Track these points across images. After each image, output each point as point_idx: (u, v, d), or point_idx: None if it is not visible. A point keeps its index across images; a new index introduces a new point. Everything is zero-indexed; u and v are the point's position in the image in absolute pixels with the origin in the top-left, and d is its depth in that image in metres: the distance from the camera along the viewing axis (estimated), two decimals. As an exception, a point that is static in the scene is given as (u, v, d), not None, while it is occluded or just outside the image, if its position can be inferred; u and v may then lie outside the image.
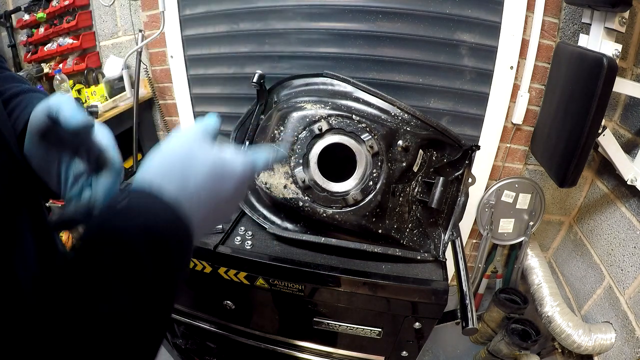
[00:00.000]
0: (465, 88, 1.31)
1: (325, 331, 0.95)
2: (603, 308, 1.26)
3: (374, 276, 0.84)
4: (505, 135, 1.39)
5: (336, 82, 1.03)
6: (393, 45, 1.28)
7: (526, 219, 1.49)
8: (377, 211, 0.86)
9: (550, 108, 1.21)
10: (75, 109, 0.35)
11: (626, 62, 1.16)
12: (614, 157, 1.10)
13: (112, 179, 0.39)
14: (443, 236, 0.95)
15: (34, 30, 1.78)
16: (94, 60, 1.73)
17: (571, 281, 1.46)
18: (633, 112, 1.18)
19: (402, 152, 0.88)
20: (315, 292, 0.88)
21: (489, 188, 1.46)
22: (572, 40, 1.22)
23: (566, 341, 1.27)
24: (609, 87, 0.92)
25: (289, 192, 0.86)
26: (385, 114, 0.94)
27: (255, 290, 0.91)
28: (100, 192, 0.38)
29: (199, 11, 1.41)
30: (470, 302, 0.85)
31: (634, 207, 1.16)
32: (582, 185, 1.43)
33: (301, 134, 0.87)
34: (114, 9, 1.61)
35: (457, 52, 1.26)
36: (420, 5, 1.22)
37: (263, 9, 1.33)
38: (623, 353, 1.14)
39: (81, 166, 0.40)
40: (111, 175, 0.39)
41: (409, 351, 0.97)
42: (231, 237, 0.95)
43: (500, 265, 1.70)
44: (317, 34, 1.32)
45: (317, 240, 0.89)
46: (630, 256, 1.15)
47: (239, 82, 1.47)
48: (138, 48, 1.48)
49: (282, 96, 1.08)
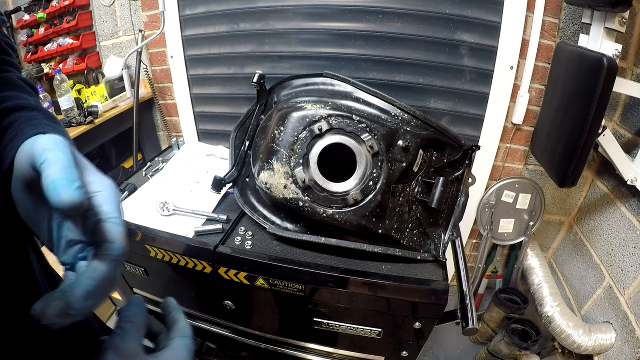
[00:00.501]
0: (465, 88, 1.31)
1: (325, 331, 0.95)
2: (603, 308, 1.26)
3: (374, 276, 0.84)
4: (505, 135, 1.39)
5: (336, 82, 1.03)
6: (393, 45, 1.28)
7: (526, 219, 1.49)
8: (377, 211, 0.86)
9: (550, 108, 1.21)
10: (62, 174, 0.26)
11: (626, 62, 1.16)
12: (614, 157, 1.10)
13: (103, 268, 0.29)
14: (443, 236, 0.95)
15: (34, 30, 1.79)
16: (94, 60, 1.73)
17: (571, 281, 1.46)
18: (633, 112, 1.18)
19: (402, 152, 0.88)
20: (315, 292, 0.88)
21: (489, 188, 1.46)
22: (572, 40, 1.22)
23: (566, 341, 1.27)
24: (609, 87, 0.92)
25: (289, 192, 0.86)
26: (385, 114, 0.94)
27: (255, 290, 0.91)
28: (81, 291, 0.28)
29: (199, 11, 1.41)
30: (470, 302, 0.85)
31: (634, 207, 1.16)
32: (582, 185, 1.43)
33: (301, 134, 0.87)
34: (114, 9, 1.61)
35: (457, 52, 1.26)
36: (420, 5, 1.22)
37: (263, 9, 1.33)
38: (623, 353, 1.14)
39: (75, 232, 0.31)
40: (104, 262, 0.29)
41: (409, 351, 0.97)
42: (231, 237, 0.95)
43: (500, 265, 1.70)
44: (317, 34, 1.32)
45: (317, 240, 0.89)
46: (630, 256, 1.15)
47: (239, 82, 1.47)
48: (138, 48, 1.48)
49: (282, 96, 1.08)
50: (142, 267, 1.00)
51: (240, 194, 1.02)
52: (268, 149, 0.90)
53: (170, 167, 1.23)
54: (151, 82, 1.64)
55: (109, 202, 0.31)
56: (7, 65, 0.41)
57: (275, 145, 0.88)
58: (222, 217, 0.99)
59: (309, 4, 1.28)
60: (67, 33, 1.69)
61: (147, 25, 1.55)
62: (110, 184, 0.32)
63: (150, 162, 1.29)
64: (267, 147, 0.91)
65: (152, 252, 0.93)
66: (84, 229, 0.31)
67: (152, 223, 0.96)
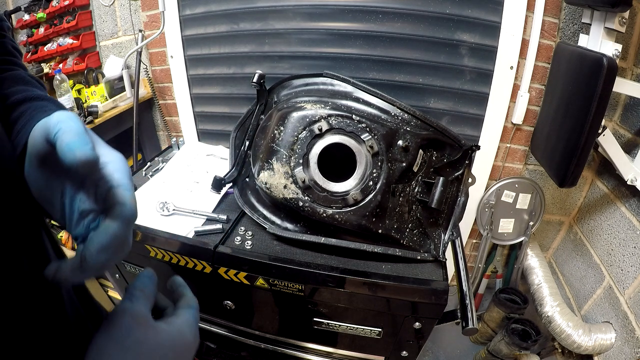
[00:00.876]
0: (465, 88, 1.31)
1: (325, 331, 0.95)
2: (603, 308, 1.26)
3: (374, 276, 0.84)
4: (505, 135, 1.39)
5: (336, 82, 1.03)
6: (393, 45, 1.28)
7: (526, 219, 1.49)
8: (377, 211, 0.86)
9: (550, 108, 1.21)
10: (77, 138, 0.28)
11: (626, 62, 1.16)
12: (614, 157, 1.10)
13: (115, 226, 0.31)
14: (443, 236, 0.95)
15: (34, 30, 1.79)
16: (94, 60, 1.73)
17: (571, 281, 1.46)
18: (633, 112, 1.18)
19: (402, 152, 0.88)
20: (315, 292, 0.88)
21: (489, 188, 1.46)
22: (572, 40, 1.22)
23: (566, 341, 1.27)
24: (609, 87, 0.92)
25: (289, 192, 0.86)
26: (385, 114, 0.94)
27: (255, 290, 0.91)
28: (95, 245, 0.30)
29: (199, 11, 1.41)
30: (470, 302, 0.85)
31: (634, 207, 1.16)
32: (582, 185, 1.43)
33: (301, 134, 0.87)
34: (114, 9, 1.61)
35: (457, 52, 1.26)
36: (420, 5, 1.22)
37: (263, 9, 1.33)
38: (623, 353, 1.14)
39: (88, 202, 0.33)
40: (116, 221, 0.31)
41: (409, 351, 0.97)
42: (231, 237, 0.95)
43: (500, 265, 1.70)
44: (317, 34, 1.32)
45: (317, 240, 0.89)
46: (630, 256, 1.15)
47: (239, 82, 1.47)
48: (138, 48, 1.48)
49: (282, 96, 1.08)
50: (142, 267, 1.00)
51: (240, 194, 1.02)
52: (268, 149, 0.90)
53: (170, 167, 1.23)
54: (151, 82, 1.64)
55: (119, 171, 0.33)
56: (14, 66, 0.43)
57: (275, 145, 0.88)
58: (222, 217, 0.99)
59: (309, 4, 1.28)
60: (67, 33, 1.69)
61: (147, 25, 1.55)
62: (120, 155, 0.34)
63: (150, 162, 1.29)
64: (267, 147, 0.91)
65: (152, 252, 0.93)
66: (95, 199, 0.33)
67: (152, 223, 0.96)
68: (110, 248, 0.31)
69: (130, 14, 1.57)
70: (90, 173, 0.30)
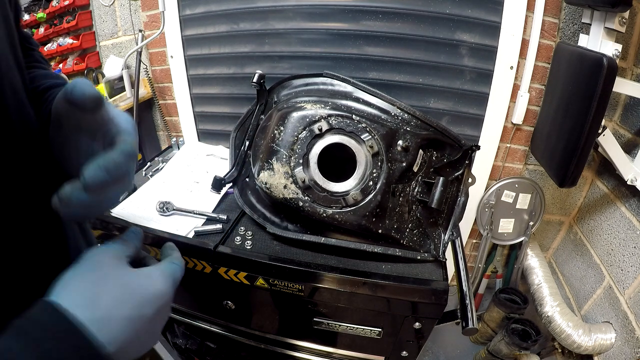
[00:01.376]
0: (465, 88, 1.31)
1: (325, 331, 0.95)
2: (603, 308, 1.26)
3: (374, 276, 0.84)
4: (505, 135, 1.39)
5: (336, 82, 1.03)
6: (393, 45, 1.28)
7: (526, 219, 1.49)
8: (377, 211, 0.86)
9: (550, 108, 1.21)
10: (86, 86, 0.34)
11: (626, 62, 1.16)
12: (614, 157, 1.10)
13: (114, 154, 0.35)
14: (443, 236, 0.95)
15: (34, 30, 1.79)
16: (94, 60, 1.73)
17: (571, 281, 1.46)
18: (633, 112, 1.18)
19: (402, 152, 0.88)
20: (315, 292, 0.88)
21: (489, 188, 1.46)
22: (572, 40, 1.22)
23: (566, 341, 1.27)
24: (609, 87, 0.92)
25: (289, 192, 0.86)
26: (385, 114, 0.94)
27: (255, 290, 0.91)
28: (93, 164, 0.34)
29: (199, 11, 1.41)
30: (470, 302, 0.85)
31: (634, 207, 1.16)
32: (582, 185, 1.43)
33: (301, 134, 0.87)
34: (114, 9, 1.61)
35: (457, 52, 1.26)
36: (420, 5, 1.22)
37: (263, 9, 1.33)
38: (623, 353, 1.14)
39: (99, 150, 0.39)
40: (116, 151, 0.36)
41: (409, 351, 0.97)
42: (231, 237, 0.95)
43: (500, 265, 1.70)
44: (317, 34, 1.32)
45: (317, 240, 0.89)
46: (630, 256, 1.15)
47: (239, 82, 1.47)
48: (138, 48, 1.48)
49: (282, 96, 1.08)
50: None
51: (240, 194, 1.02)
52: (268, 149, 0.90)
53: (170, 167, 1.23)
54: (151, 82, 1.64)
55: (125, 122, 0.40)
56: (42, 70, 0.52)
57: (275, 145, 0.88)
58: (222, 217, 0.99)
59: (309, 4, 1.28)
60: (67, 33, 1.69)
61: (147, 25, 1.55)
62: (126, 114, 0.42)
63: (150, 162, 1.29)
64: (267, 147, 0.91)
65: (152, 252, 0.93)
66: (104, 145, 0.39)
67: (152, 223, 0.96)
68: (109, 170, 0.34)
69: (130, 14, 1.57)
70: (99, 110, 0.36)
